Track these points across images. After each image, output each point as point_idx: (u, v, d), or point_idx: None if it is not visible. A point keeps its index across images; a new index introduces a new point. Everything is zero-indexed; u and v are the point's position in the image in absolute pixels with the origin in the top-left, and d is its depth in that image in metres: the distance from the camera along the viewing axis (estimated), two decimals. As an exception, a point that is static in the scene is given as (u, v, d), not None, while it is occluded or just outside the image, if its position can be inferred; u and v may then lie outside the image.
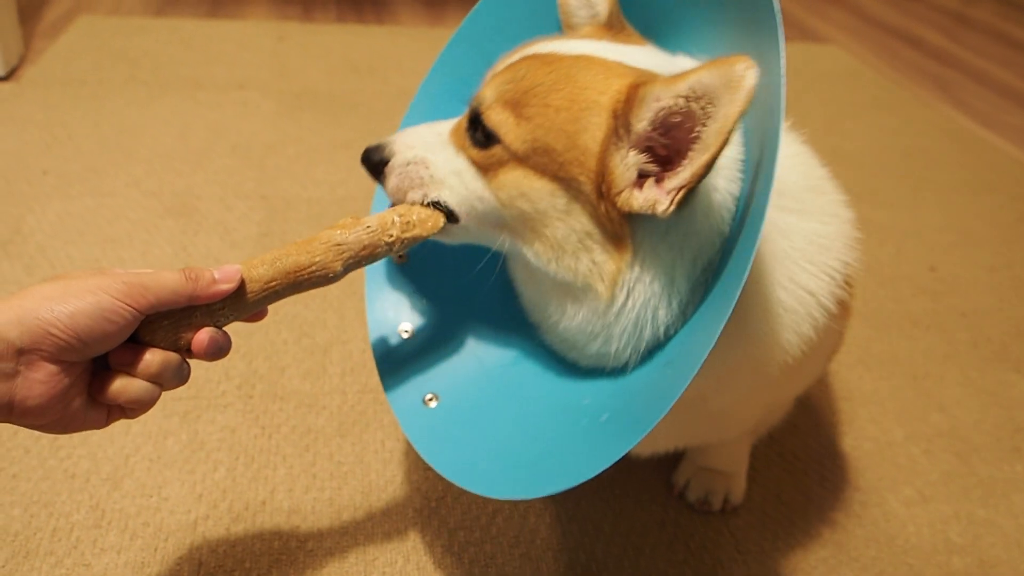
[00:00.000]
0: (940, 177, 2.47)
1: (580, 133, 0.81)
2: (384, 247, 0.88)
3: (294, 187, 2.03)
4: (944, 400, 1.58)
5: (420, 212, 0.90)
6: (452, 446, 0.99)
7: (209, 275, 0.80)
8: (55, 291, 0.73)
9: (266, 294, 0.83)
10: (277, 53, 2.81)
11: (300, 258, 0.83)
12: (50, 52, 2.62)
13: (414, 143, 0.94)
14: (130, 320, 0.75)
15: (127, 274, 0.77)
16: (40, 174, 1.97)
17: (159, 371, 0.78)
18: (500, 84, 0.87)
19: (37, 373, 0.72)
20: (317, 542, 1.17)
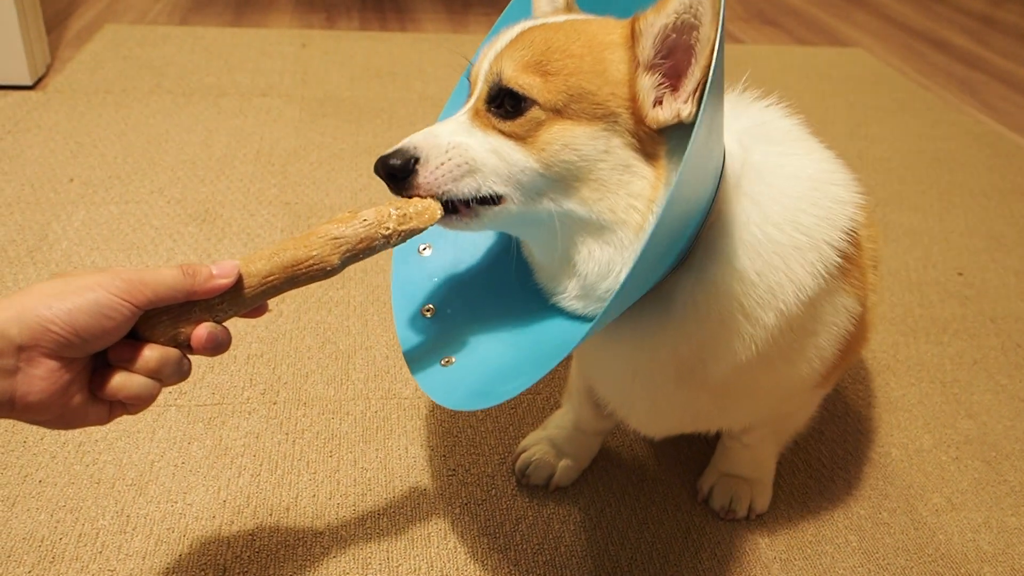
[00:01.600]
0: (968, 181, 2.44)
1: (608, 69, 0.86)
2: (381, 240, 0.87)
3: (317, 193, 2.04)
4: (973, 407, 1.56)
5: (417, 204, 0.90)
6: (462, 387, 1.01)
7: (207, 270, 0.80)
8: (54, 288, 0.74)
9: (264, 288, 0.83)
10: (300, 60, 2.82)
11: (298, 252, 0.83)
12: (76, 61, 2.64)
13: (438, 134, 0.92)
14: (128, 316, 0.76)
15: (125, 270, 0.77)
16: (66, 182, 1.99)
17: (158, 367, 0.79)
18: (515, 54, 0.89)
19: (37, 369, 0.73)
20: (341, 548, 1.17)
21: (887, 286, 1.90)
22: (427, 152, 0.90)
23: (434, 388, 1.01)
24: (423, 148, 0.91)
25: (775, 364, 1.01)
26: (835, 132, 2.67)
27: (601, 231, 0.90)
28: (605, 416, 1.25)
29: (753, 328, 0.93)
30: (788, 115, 1.07)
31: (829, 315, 1.00)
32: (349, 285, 1.71)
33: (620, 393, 1.09)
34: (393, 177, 0.91)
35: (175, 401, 1.39)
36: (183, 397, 1.40)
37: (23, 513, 1.17)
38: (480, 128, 0.91)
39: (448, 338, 1.07)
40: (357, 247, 0.86)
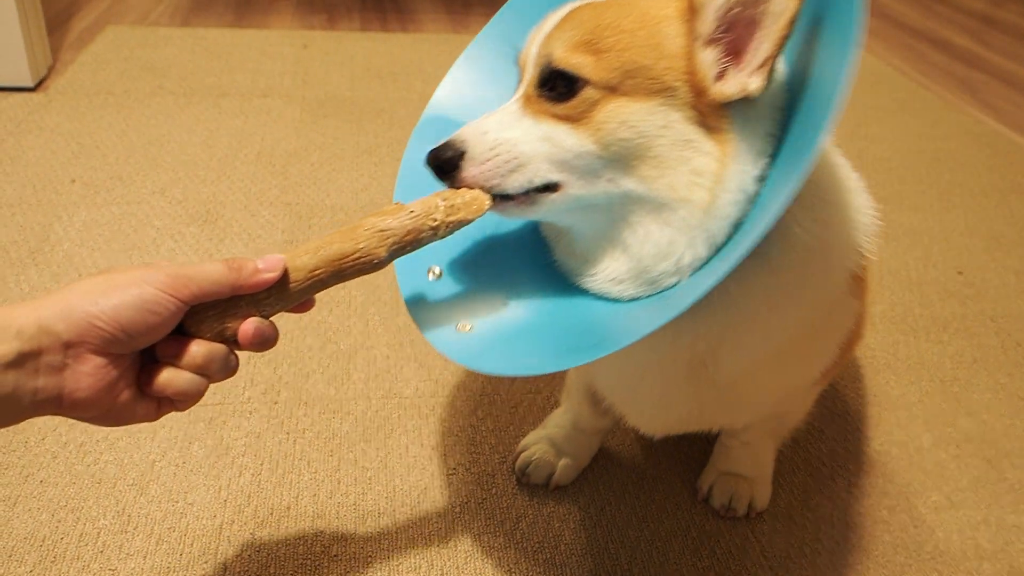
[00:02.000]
0: (968, 180, 2.44)
1: (663, 43, 0.84)
2: (429, 232, 0.86)
3: (318, 194, 2.05)
4: (973, 405, 1.56)
5: (465, 195, 0.88)
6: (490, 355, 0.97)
7: (252, 265, 0.80)
8: (99, 285, 0.74)
9: (311, 283, 0.82)
10: (301, 61, 2.83)
11: (344, 246, 0.83)
12: (77, 63, 2.65)
13: (486, 128, 0.90)
14: (174, 311, 0.76)
15: (170, 266, 0.77)
16: (68, 183, 1.99)
17: (204, 362, 0.79)
18: (563, 35, 0.87)
19: (84, 366, 0.73)
20: (342, 547, 1.17)
21: (887, 285, 1.91)
22: (472, 147, 0.89)
23: (451, 349, 0.97)
24: (469, 142, 0.89)
25: (786, 361, 1.01)
26: (835, 132, 2.67)
27: (660, 210, 0.87)
28: (604, 415, 1.26)
29: (778, 323, 0.92)
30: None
31: (840, 315, 1.01)
32: (350, 285, 1.72)
33: (625, 389, 1.08)
34: (440, 169, 0.90)
35: (176, 401, 1.39)
36: (184, 397, 1.40)
37: (24, 513, 1.18)
38: (532, 115, 0.89)
39: (461, 304, 1.03)
40: (404, 239, 0.85)
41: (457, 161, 0.89)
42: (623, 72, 0.84)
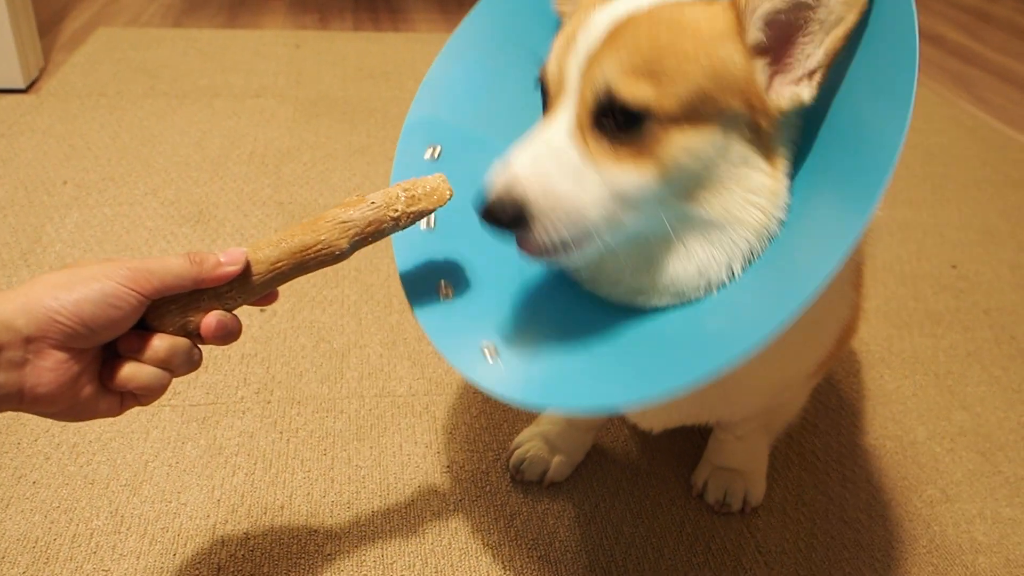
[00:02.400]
0: (961, 174, 2.44)
1: (725, 66, 0.80)
2: (390, 222, 0.87)
3: (311, 193, 2.04)
4: (967, 398, 1.56)
5: (426, 184, 0.89)
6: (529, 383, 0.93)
7: (214, 258, 0.80)
8: (61, 279, 0.74)
9: (273, 275, 0.83)
10: (293, 61, 2.82)
11: (306, 237, 0.83)
12: (69, 64, 2.64)
13: (546, 177, 0.79)
14: (135, 305, 0.76)
15: (132, 260, 0.77)
16: (60, 184, 1.99)
17: (167, 356, 0.79)
18: (617, 57, 0.79)
19: (46, 361, 0.73)
20: (336, 545, 1.17)
21: (881, 280, 1.91)
22: (537, 205, 0.78)
23: (484, 378, 0.92)
24: (531, 196, 0.78)
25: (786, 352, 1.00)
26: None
27: (709, 229, 0.84)
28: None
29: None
30: None
31: (839, 305, 1.01)
32: (344, 284, 1.71)
33: None
34: (502, 228, 0.80)
35: (169, 401, 1.39)
36: (176, 397, 1.40)
37: (17, 514, 1.17)
38: (591, 158, 0.80)
39: (480, 321, 0.99)
40: (366, 230, 0.85)
41: (521, 220, 0.79)
42: (689, 100, 0.79)
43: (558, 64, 0.84)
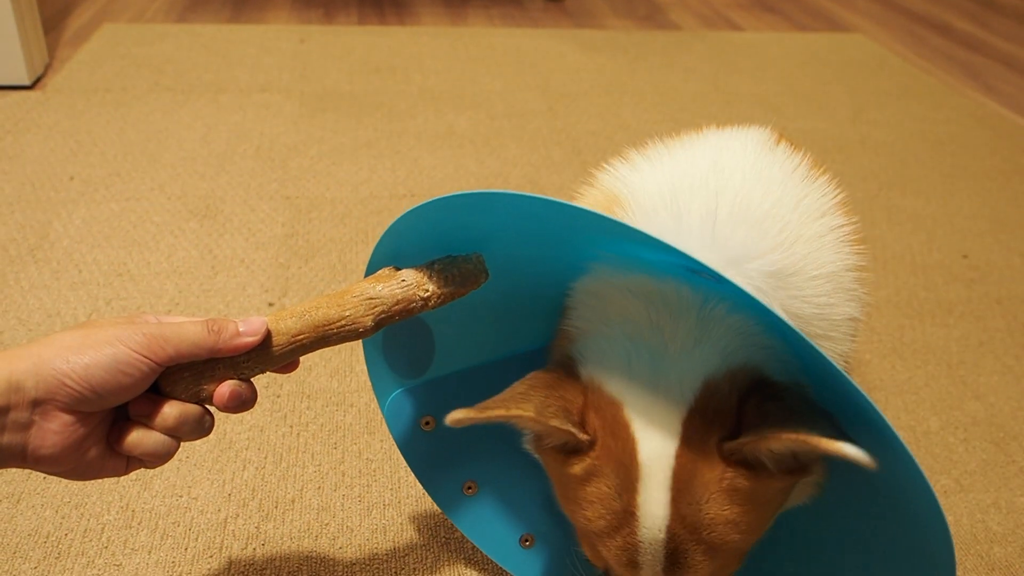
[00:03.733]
0: (971, 164, 2.43)
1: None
2: (419, 302, 0.82)
3: (318, 188, 2.04)
4: (980, 388, 1.55)
5: (462, 265, 0.84)
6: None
7: (233, 327, 0.78)
8: (74, 340, 0.72)
9: (293, 347, 0.80)
10: (299, 56, 2.82)
11: (330, 311, 0.80)
12: (74, 60, 2.64)
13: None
14: (147, 373, 0.74)
15: (149, 325, 0.75)
16: (66, 180, 1.99)
17: (176, 425, 0.77)
18: (703, 570, 0.75)
19: (51, 423, 0.71)
20: (348, 539, 1.17)
21: (892, 270, 1.89)
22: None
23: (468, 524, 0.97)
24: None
25: None
26: (837, 118, 2.66)
27: None
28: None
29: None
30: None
31: None
32: (352, 278, 1.71)
33: None
34: None
35: (179, 396, 1.39)
36: (187, 392, 1.40)
37: (28, 509, 1.17)
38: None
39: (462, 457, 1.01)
40: (393, 309, 0.82)
41: None
42: (761, 533, 0.78)
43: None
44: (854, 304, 0.85)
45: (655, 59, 3.07)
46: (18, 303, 1.56)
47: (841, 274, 0.85)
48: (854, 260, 0.87)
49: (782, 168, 0.91)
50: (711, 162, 0.90)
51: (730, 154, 0.92)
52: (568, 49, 3.09)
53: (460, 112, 2.50)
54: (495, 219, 0.78)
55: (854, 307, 0.85)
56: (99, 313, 1.55)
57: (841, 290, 0.84)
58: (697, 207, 0.82)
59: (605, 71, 2.92)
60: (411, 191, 2.05)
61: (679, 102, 2.72)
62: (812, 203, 0.88)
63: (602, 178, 0.93)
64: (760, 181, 0.87)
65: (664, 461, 0.72)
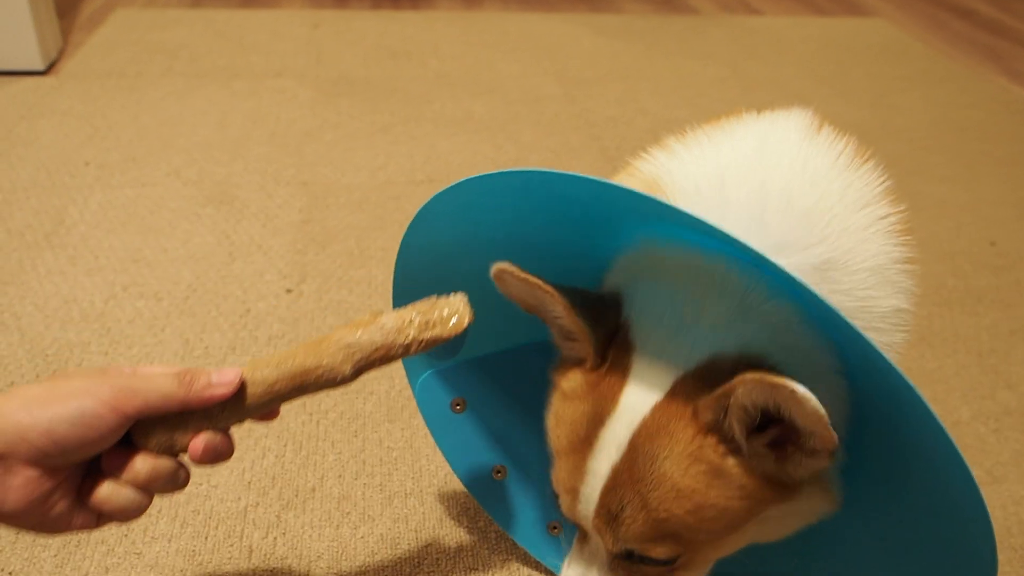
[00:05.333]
0: (997, 150, 2.39)
1: (732, 493, 0.73)
2: (400, 349, 0.79)
3: (334, 173, 2.01)
4: (1012, 377, 1.52)
5: (444, 309, 0.81)
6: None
7: (205, 378, 0.74)
8: (40, 393, 0.69)
9: (269, 398, 0.77)
10: (312, 41, 2.79)
11: (307, 360, 0.78)
12: (88, 46, 2.62)
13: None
14: (114, 427, 0.71)
15: (118, 376, 0.72)
16: (81, 165, 1.97)
17: (147, 480, 0.74)
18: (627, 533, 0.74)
19: (15, 478, 0.68)
20: (369, 528, 1.15)
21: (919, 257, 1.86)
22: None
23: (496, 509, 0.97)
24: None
25: None
26: (858, 103, 2.62)
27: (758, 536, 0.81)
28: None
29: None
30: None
31: None
32: (370, 264, 1.69)
33: None
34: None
35: (197, 383, 1.37)
36: (205, 379, 1.38)
37: (47, 497, 1.16)
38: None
39: (492, 441, 1.00)
40: (372, 356, 0.79)
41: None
42: (718, 538, 0.75)
43: (572, 512, 0.79)
44: (901, 296, 0.83)
45: (672, 44, 3.03)
46: (35, 289, 1.55)
47: (887, 267, 0.82)
48: (900, 252, 0.85)
49: (827, 156, 0.88)
50: (754, 150, 0.87)
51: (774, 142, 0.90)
52: (584, 34, 3.06)
53: (476, 97, 2.47)
54: (531, 201, 0.75)
55: (901, 299, 0.83)
56: (116, 300, 1.54)
57: (886, 283, 0.82)
58: (742, 197, 0.80)
59: (622, 56, 2.89)
60: (428, 177, 2.03)
61: (697, 87, 2.69)
62: (857, 193, 0.85)
63: (640, 166, 0.90)
64: (806, 171, 0.84)
65: (640, 408, 0.72)
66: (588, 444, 0.74)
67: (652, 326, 0.76)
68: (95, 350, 1.42)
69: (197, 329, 1.49)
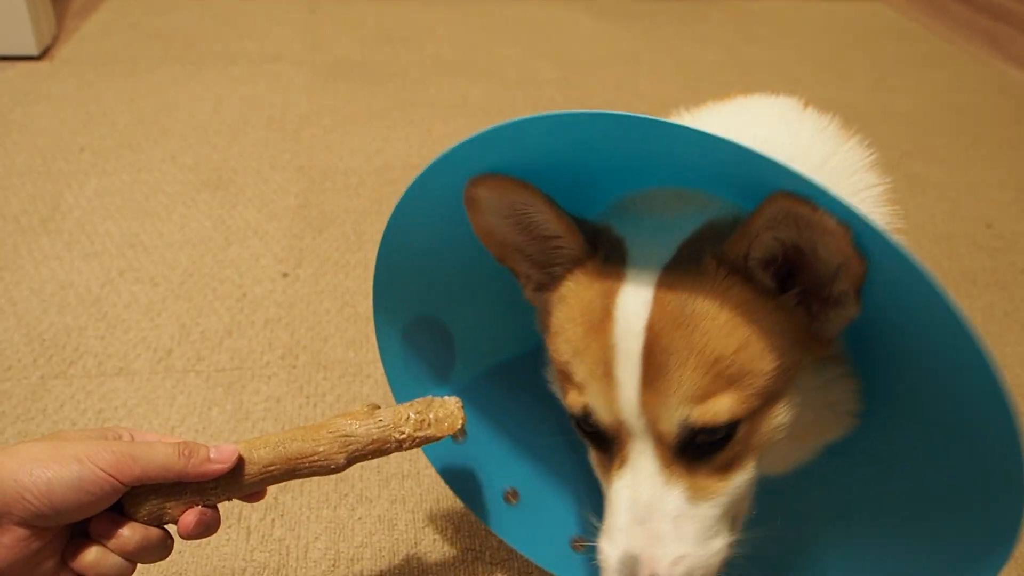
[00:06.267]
0: (994, 133, 2.38)
1: (772, 332, 0.71)
2: (394, 443, 0.82)
3: (330, 158, 2.01)
4: (1006, 359, 1.52)
5: (439, 410, 0.84)
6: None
7: (204, 453, 0.75)
8: (41, 452, 0.69)
9: (262, 478, 0.79)
10: (309, 25, 2.78)
11: (304, 445, 0.79)
12: (83, 31, 2.61)
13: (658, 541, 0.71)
14: (110, 492, 0.71)
15: (119, 443, 0.72)
16: (77, 151, 1.96)
17: (136, 550, 0.74)
18: (675, 393, 0.69)
19: (4, 537, 0.68)
20: (366, 509, 1.15)
21: (915, 239, 1.86)
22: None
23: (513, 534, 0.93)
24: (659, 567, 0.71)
25: None
26: (856, 86, 2.62)
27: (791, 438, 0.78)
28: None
29: None
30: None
31: None
32: (366, 247, 1.68)
33: None
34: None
35: (194, 367, 1.37)
36: (202, 363, 1.38)
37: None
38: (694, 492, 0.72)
39: (500, 463, 0.98)
40: (367, 448, 0.81)
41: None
42: (765, 391, 0.70)
43: (609, 411, 0.72)
44: None
45: (670, 27, 3.02)
46: (31, 274, 1.55)
47: None
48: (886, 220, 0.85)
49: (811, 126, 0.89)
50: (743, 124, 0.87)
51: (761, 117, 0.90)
52: (582, 17, 3.05)
53: (473, 82, 2.46)
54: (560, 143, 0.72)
55: None
56: (112, 284, 1.54)
57: None
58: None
59: (620, 40, 2.88)
60: (425, 161, 2.00)
61: (696, 71, 2.68)
62: (842, 161, 0.86)
63: None
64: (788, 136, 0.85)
65: (651, 269, 0.70)
66: (607, 321, 0.70)
67: (638, 218, 0.76)
68: (92, 334, 1.42)
69: (194, 313, 1.49)
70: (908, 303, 0.65)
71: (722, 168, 0.69)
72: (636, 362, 0.69)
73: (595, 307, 0.72)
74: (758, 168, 0.62)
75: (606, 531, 0.73)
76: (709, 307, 0.68)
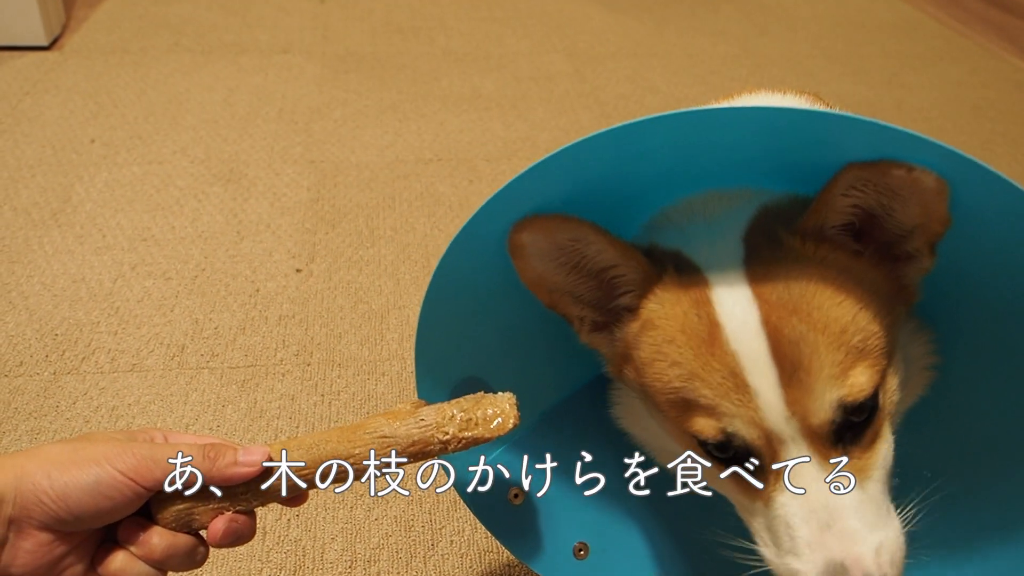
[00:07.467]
0: (1012, 129, 2.36)
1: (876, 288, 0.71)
2: (437, 445, 0.73)
3: (342, 151, 1.99)
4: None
5: (487, 408, 0.75)
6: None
7: (231, 456, 0.71)
8: (61, 455, 0.67)
9: (294, 483, 0.72)
10: (319, 16, 2.76)
11: (339, 448, 0.72)
12: (91, 21, 2.59)
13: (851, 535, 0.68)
14: (131, 497, 0.68)
15: (143, 445, 0.69)
16: (87, 143, 1.95)
17: (163, 557, 0.70)
18: (821, 377, 0.66)
19: (26, 542, 0.66)
20: (383, 510, 1.14)
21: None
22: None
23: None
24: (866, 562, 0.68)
25: None
26: (871, 81, 2.59)
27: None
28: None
29: None
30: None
31: None
32: (379, 244, 1.67)
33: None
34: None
35: (207, 364, 1.36)
36: (215, 359, 1.37)
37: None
38: (861, 481, 0.69)
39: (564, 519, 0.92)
40: (407, 450, 0.73)
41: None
42: (886, 352, 0.69)
43: (753, 424, 0.68)
44: None
45: (683, 21, 2.99)
46: (42, 268, 1.54)
47: None
48: None
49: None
50: None
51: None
52: (594, 10, 3.02)
53: (485, 74, 2.44)
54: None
55: None
56: (124, 279, 1.52)
57: None
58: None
59: (632, 33, 2.86)
60: (437, 155, 2.01)
61: (709, 65, 2.66)
62: None
63: None
64: None
65: (731, 268, 0.68)
66: (715, 332, 0.67)
67: (680, 229, 0.74)
68: (104, 330, 1.41)
69: (207, 309, 1.47)
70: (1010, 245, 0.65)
71: (783, 154, 0.68)
72: (768, 363, 0.66)
73: (695, 322, 0.68)
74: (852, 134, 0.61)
75: (791, 551, 0.69)
76: (814, 283, 0.67)
